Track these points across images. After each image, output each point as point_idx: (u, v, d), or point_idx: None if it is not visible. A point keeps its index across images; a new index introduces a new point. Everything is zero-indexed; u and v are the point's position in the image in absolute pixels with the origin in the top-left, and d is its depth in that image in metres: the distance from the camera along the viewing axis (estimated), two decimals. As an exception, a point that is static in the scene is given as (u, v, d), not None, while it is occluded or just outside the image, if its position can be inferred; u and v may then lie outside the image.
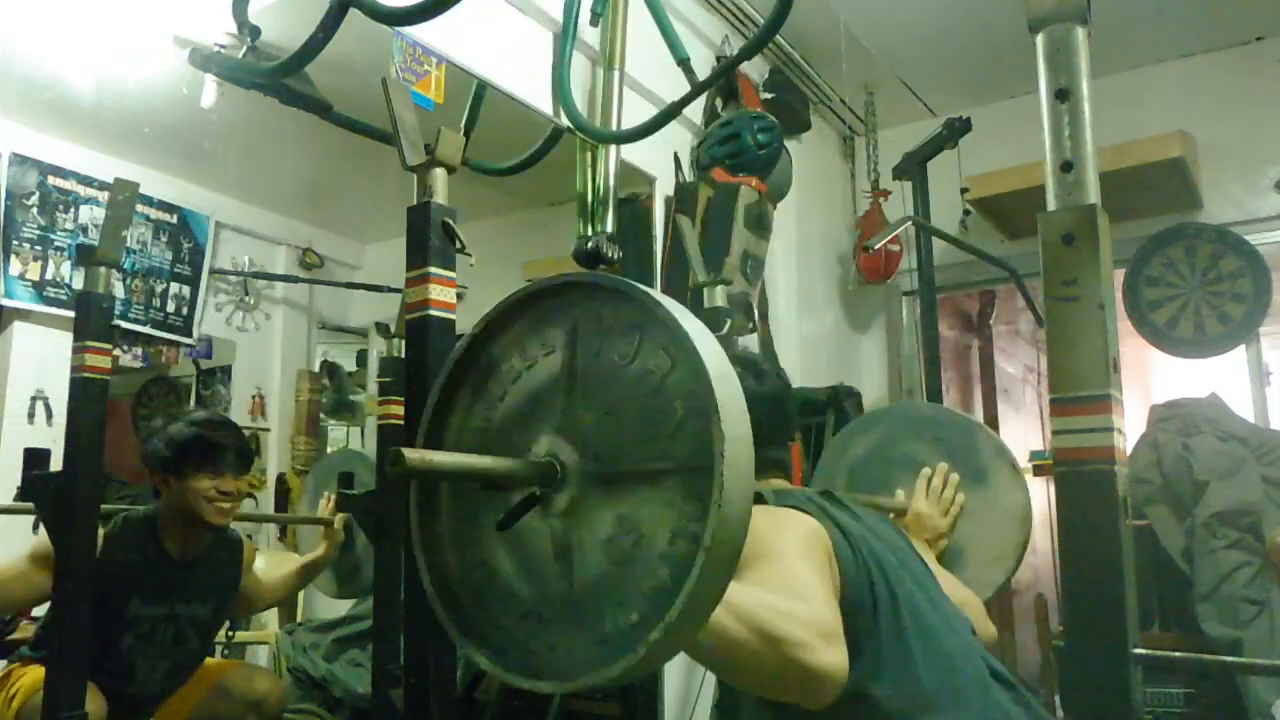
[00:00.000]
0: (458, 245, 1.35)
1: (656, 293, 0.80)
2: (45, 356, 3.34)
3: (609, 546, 0.79)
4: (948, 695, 1.16)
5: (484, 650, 0.85)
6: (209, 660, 2.47)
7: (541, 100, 2.43)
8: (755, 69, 3.28)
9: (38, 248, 3.84)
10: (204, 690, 2.37)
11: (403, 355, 2.25)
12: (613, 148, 2.53)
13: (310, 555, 2.66)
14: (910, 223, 3.05)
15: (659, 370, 0.79)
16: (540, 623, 0.83)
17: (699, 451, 0.74)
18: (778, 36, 3.11)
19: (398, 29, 2.06)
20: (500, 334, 0.93)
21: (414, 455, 0.76)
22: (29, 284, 3.80)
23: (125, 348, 3.59)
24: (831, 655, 1.03)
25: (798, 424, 1.45)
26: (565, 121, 2.42)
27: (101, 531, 2.00)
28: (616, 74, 2.56)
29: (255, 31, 2.08)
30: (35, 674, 2.04)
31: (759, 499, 1.24)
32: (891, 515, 1.67)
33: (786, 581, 1.07)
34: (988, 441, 1.78)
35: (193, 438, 2.17)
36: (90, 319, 1.88)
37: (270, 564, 2.68)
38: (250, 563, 2.48)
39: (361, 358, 4.24)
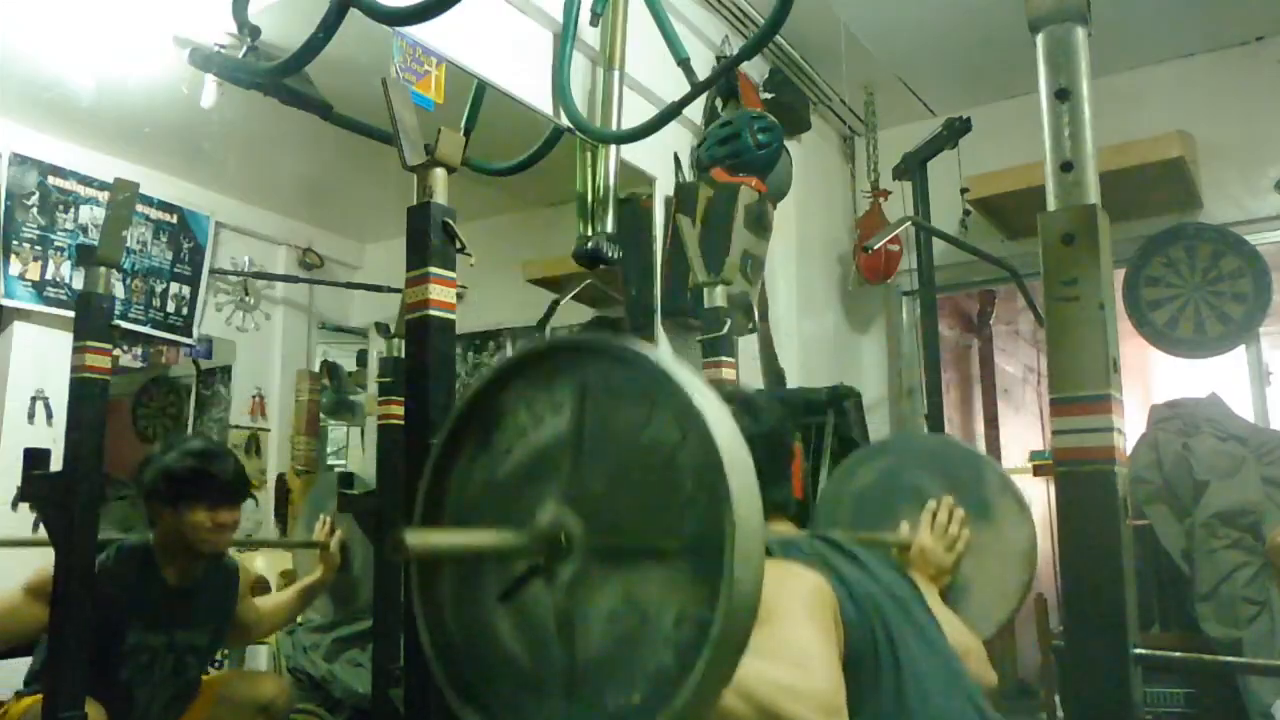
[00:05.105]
0: (458, 245, 1.34)
1: (669, 360, 0.77)
2: (45, 356, 3.33)
3: (612, 623, 0.77)
4: None
5: (481, 716, 0.85)
6: (206, 675, 2.44)
7: (541, 100, 2.43)
8: (755, 69, 3.28)
9: (38, 248, 3.83)
10: (210, 704, 2.35)
11: (403, 355, 2.25)
12: (613, 148, 2.53)
13: (307, 579, 2.62)
14: (910, 223, 3.05)
15: (669, 442, 0.76)
16: (539, 694, 0.82)
17: (708, 533, 0.71)
18: (778, 36, 3.11)
19: (398, 29, 2.07)
20: (508, 386, 0.89)
21: (415, 540, 0.76)
22: (29, 284, 3.80)
23: (125, 348, 3.59)
24: None
25: (798, 425, 1.42)
26: (565, 121, 2.42)
27: (97, 560, 1.95)
28: (616, 74, 2.56)
29: (255, 31, 2.08)
30: (29, 702, 2.00)
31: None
32: (895, 550, 1.65)
33: (791, 648, 1.06)
34: (994, 474, 1.72)
35: (188, 471, 2.12)
36: (90, 319, 1.87)
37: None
38: (247, 588, 2.46)
39: (361, 358, 4.24)
